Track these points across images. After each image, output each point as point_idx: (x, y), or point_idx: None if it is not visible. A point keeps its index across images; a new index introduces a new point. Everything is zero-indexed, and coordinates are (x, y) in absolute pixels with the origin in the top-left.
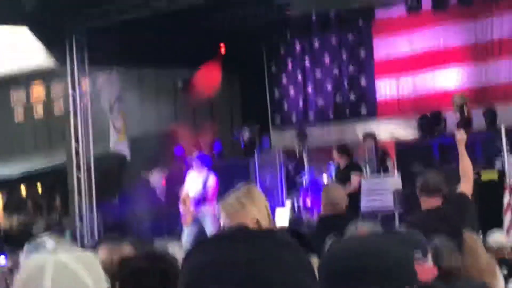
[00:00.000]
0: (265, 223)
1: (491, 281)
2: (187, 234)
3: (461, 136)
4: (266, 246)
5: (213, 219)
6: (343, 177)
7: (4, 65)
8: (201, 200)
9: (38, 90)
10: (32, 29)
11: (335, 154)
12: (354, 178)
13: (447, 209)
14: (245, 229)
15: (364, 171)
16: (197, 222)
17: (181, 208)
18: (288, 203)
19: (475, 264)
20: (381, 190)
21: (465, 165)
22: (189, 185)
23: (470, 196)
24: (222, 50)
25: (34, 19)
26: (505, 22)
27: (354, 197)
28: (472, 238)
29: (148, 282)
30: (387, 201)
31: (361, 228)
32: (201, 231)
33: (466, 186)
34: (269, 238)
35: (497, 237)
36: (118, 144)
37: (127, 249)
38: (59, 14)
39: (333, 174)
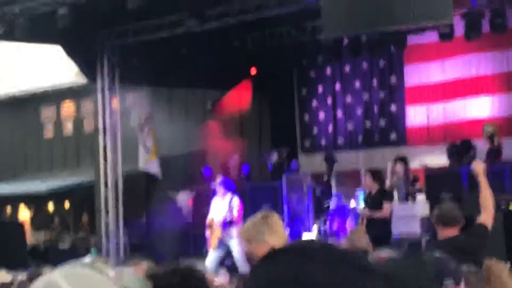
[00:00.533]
0: None
1: None
2: (212, 258)
3: (478, 167)
4: (345, 270)
5: (240, 242)
6: (374, 203)
7: (35, 81)
8: (227, 223)
9: (68, 107)
10: (64, 46)
11: (368, 179)
12: (386, 206)
13: (464, 239)
14: (323, 246)
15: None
16: (223, 245)
17: (207, 232)
18: (314, 227)
19: None
20: (409, 216)
21: (485, 196)
22: (214, 211)
23: (489, 227)
24: (253, 72)
25: (67, 37)
26: None
27: (384, 223)
28: (498, 266)
29: None
30: (414, 228)
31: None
32: (226, 255)
33: (485, 218)
34: (349, 261)
35: None
36: (148, 163)
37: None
38: (91, 32)
39: (362, 199)
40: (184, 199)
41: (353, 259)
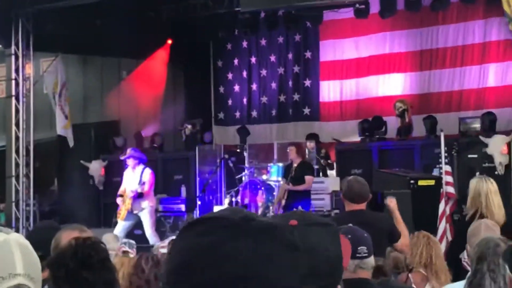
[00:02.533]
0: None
1: (442, 280)
2: (120, 228)
3: (391, 204)
4: (272, 246)
5: (151, 213)
6: (297, 176)
7: None
8: (137, 195)
9: None
10: None
11: (292, 152)
12: (308, 179)
13: (371, 213)
14: (249, 217)
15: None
16: (132, 217)
17: (119, 203)
18: (226, 200)
19: (434, 261)
20: (320, 191)
21: (404, 231)
22: (126, 182)
23: (406, 251)
24: (169, 43)
25: None
26: (450, 32)
27: (305, 195)
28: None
29: (70, 266)
30: (325, 202)
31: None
32: (136, 226)
33: (402, 247)
34: (276, 236)
35: None
36: (66, 129)
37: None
38: None
39: (274, 173)
40: (96, 168)
41: (280, 234)
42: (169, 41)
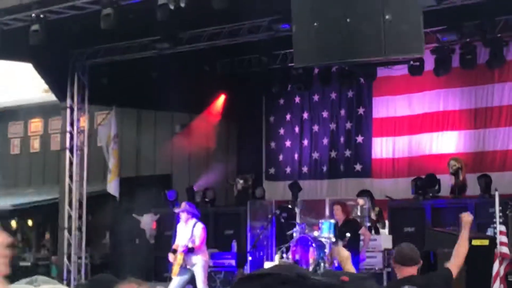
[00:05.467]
0: None
1: None
2: (175, 284)
3: (466, 218)
4: None
5: (204, 268)
6: (342, 235)
7: (4, 97)
8: (188, 249)
9: (36, 124)
10: (35, 64)
11: (338, 211)
12: (363, 230)
13: (422, 278)
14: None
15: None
16: (185, 272)
17: (171, 258)
18: (277, 256)
19: None
20: (372, 248)
21: (462, 249)
22: (179, 236)
23: (454, 275)
24: (222, 97)
25: (38, 55)
26: (506, 90)
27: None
28: None
29: None
30: (377, 260)
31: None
32: (190, 281)
33: (454, 265)
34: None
35: None
36: (109, 183)
37: None
38: (62, 51)
39: (326, 230)
40: (147, 221)
41: None
42: (223, 96)
